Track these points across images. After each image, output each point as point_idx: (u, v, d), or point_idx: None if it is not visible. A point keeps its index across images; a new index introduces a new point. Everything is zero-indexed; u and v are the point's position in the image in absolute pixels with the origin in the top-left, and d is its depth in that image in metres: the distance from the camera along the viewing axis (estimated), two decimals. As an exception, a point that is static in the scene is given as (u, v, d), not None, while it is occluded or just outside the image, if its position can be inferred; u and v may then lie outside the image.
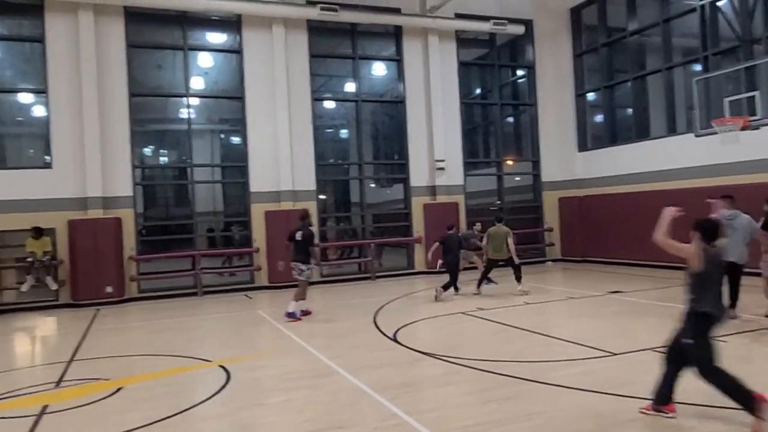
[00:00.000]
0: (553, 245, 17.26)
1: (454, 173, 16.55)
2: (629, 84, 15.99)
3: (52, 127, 13.09)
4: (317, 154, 15.41)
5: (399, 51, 16.39)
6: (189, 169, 15.01)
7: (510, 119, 19.69)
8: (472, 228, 13.82)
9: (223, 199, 19.58)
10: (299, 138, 14.99)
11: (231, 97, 15.34)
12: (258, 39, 14.71)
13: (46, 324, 11.46)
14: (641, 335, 7.67)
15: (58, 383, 6.65)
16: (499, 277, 12.78)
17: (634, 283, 12.26)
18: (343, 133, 20.91)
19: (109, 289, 12.91)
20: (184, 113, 15.12)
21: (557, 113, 17.82)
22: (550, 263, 17.09)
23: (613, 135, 16.81)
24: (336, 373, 6.50)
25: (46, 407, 5.72)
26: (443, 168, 16.23)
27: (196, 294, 13.79)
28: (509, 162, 18.31)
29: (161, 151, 19.93)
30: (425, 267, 15.87)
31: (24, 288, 12.27)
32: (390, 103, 17.49)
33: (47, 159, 13.30)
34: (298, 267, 9.77)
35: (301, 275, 9.80)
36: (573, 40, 17.58)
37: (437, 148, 16.20)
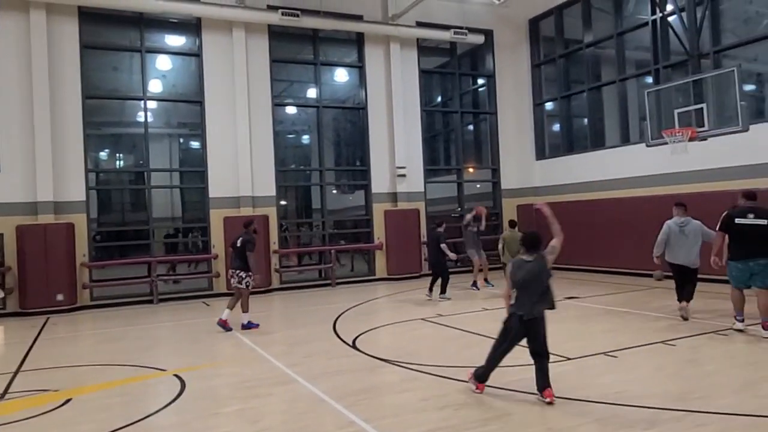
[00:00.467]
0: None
1: (415, 180, 16.67)
2: (585, 94, 16.46)
3: (0, 130, 12.62)
4: (278, 159, 15.30)
5: (361, 58, 16.45)
6: (146, 174, 14.68)
7: (470, 127, 19.97)
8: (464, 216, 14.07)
9: (182, 205, 19.20)
10: (259, 143, 14.86)
11: (190, 101, 15.09)
12: (218, 42, 14.54)
13: (-9, 333, 11.00)
14: (595, 340, 7.87)
15: (2, 395, 6.39)
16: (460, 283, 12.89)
17: (589, 289, 12.56)
18: (305, 139, 20.78)
19: (60, 297, 12.49)
20: (141, 117, 14.78)
21: (516, 122, 18.17)
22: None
23: (570, 144, 17.25)
24: (294, 381, 6.45)
25: (-12, 421, 5.50)
26: (404, 175, 16.33)
27: (152, 302, 13.47)
28: (470, 169, 18.56)
29: (117, 155, 19.43)
30: (386, 273, 15.95)
31: (-32, 296, 11.77)
32: (352, 110, 17.51)
33: (-6, 162, 12.81)
34: (237, 274, 9.56)
35: (241, 283, 9.57)
36: (531, 50, 17.99)
37: (398, 154, 16.30)
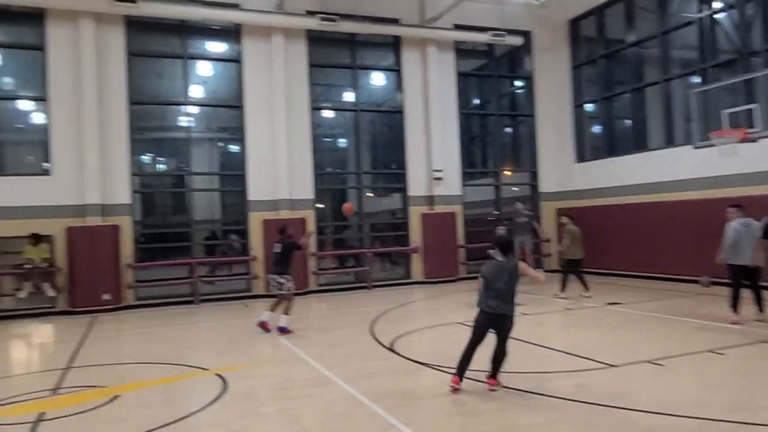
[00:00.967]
0: (551, 256, 17.26)
1: (451, 183, 16.59)
2: (627, 95, 16.07)
3: (51, 135, 13.12)
4: (315, 163, 15.44)
5: (398, 61, 16.47)
6: (187, 177, 15.02)
7: (508, 130, 19.76)
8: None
9: (221, 208, 19.59)
10: (297, 147, 15.03)
11: (230, 106, 15.38)
12: (257, 48, 14.78)
13: (43, 331, 11.42)
14: (639, 347, 7.67)
15: (55, 390, 6.63)
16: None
17: (631, 295, 12.25)
18: (342, 143, 20.97)
19: (107, 297, 12.88)
20: (183, 121, 15.16)
21: (555, 124, 17.90)
22: (547, 274, 17.07)
23: (611, 146, 16.88)
24: (332, 383, 6.49)
25: (43, 414, 5.71)
26: (441, 178, 16.27)
27: (192, 302, 13.76)
28: (507, 172, 18.36)
29: (159, 159, 19.97)
30: (422, 277, 15.90)
31: (21, 294, 12.24)
32: (388, 113, 17.56)
33: (46, 166, 13.31)
34: (275, 279, 9.64)
35: (282, 289, 9.61)
36: (571, 51, 17.69)
37: (435, 157, 16.26)
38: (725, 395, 5.62)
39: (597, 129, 17.82)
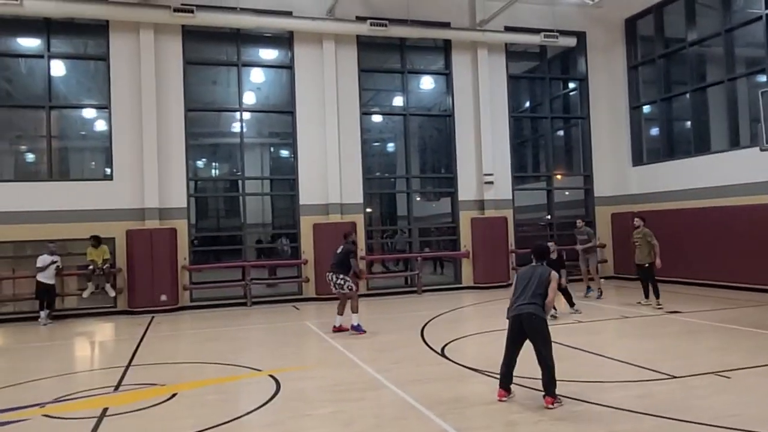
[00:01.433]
0: (606, 262, 16.75)
1: (502, 187, 16.35)
2: (688, 96, 15.45)
3: (113, 141, 13.68)
4: (365, 167, 15.52)
5: (448, 64, 16.39)
6: (240, 182, 15.37)
7: (560, 133, 19.34)
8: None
9: (272, 212, 19.94)
10: (347, 151, 15.14)
11: (282, 112, 15.67)
12: (309, 54, 14.99)
13: (104, 330, 11.90)
14: (702, 358, 7.34)
15: (117, 387, 6.88)
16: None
17: (693, 303, 11.75)
18: (391, 147, 21.00)
19: (164, 297, 13.30)
20: (236, 127, 15.53)
21: (610, 126, 17.39)
22: (603, 280, 16.57)
23: (671, 149, 16.25)
24: (384, 387, 6.47)
25: (106, 410, 5.93)
26: (492, 182, 16.05)
27: (245, 304, 14.03)
28: (559, 176, 17.96)
29: (214, 164, 20.53)
30: (472, 282, 15.71)
31: (85, 294, 12.78)
32: (438, 117, 17.48)
33: (108, 171, 13.89)
34: (335, 282, 9.71)
35: (343, 288, 9.73)
36: (627, 51, 17.16)
37: (485, 161, 16.06)
38: (800, 411, 5.30)
39: (654, 131, 17.20)
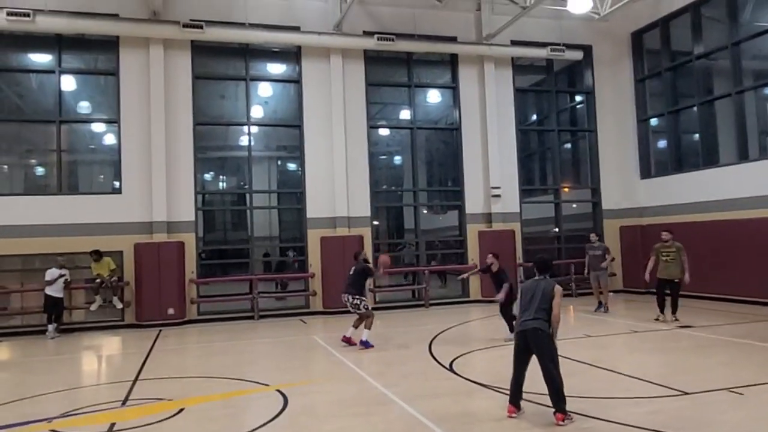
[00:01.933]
0: (615, 275, 16.63)
1: (510, 200, 16.32)
2: (695, 109, 15.42)
3: (122, 155, 13.77)
4: (372, 180, 15.54)
5: (454, 78, 16.44)
6: (248, 195, 15.43)
7: (568, 146, 19.32)
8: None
9: (279, 225, 19.98)
10: (355, 165, 15.17)
11: (289, 125, 15.75)
12: (316, 69, 15.09)
13: (111, 343, 11.89)
14: (714, 373, 7.24)
15: (124, 402, 6.86)
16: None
17: (703, 318, 11.62)
18: (398, 160, 21.05)
19: (171, 311, 13.29)
20: (244, 141, 15.61)
21: (618, 139, 17.36)
22: (611, 294, 16.46)
23: (679, 162, 16.19)
24: (392, 402, 6.42)
25: (113, 425, 5.90)
26: (499, 195, 16.02)
27: (252, 317, 14.01)
28: (566, 189, 17.90)
29: (221, 177, 20.63)
30: (480, 296, 15.63)
31: (93, 308, 12.79)
32: (445, 130, 17.52)
33: (117, 185, 13.97)
34: (351, 302, 9.80)
35: (359, 308, 9.81)
36: (634, 64, 17.16)
37: (493, 174, 16.05)
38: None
39: (662, 144, 17.16)
